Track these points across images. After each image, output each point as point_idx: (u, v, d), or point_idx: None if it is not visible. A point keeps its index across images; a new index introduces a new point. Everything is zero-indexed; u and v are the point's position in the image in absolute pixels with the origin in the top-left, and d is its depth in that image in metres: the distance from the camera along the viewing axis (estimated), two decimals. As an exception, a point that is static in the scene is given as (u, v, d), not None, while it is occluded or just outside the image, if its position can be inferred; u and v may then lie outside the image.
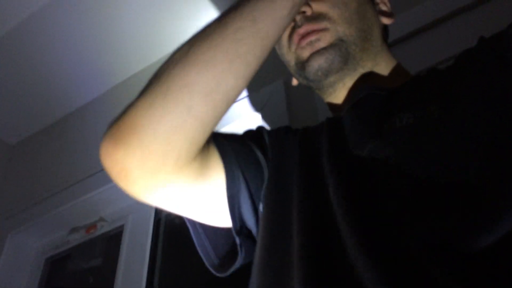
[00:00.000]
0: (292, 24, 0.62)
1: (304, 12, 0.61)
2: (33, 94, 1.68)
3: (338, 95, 0.64)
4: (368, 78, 0.63)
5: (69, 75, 1.62)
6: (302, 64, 0.62)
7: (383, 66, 0.65)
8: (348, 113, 0.58)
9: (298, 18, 0.61)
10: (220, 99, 0.48)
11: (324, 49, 0.60)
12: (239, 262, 0.58)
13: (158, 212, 1.36)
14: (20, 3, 1.38)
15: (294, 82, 0.71)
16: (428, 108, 0.48)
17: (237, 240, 0.57)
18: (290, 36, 0.63)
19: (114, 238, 1.41)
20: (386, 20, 0.68)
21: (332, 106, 0.67)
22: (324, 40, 0.60)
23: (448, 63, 0.88)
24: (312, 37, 0.60)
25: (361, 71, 0.63)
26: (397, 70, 0.66)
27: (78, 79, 1.65)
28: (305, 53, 0.61)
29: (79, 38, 1.51)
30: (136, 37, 1.51)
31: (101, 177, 1.41)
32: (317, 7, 0.61)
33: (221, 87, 0.47)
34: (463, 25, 0.94)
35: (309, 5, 0.61)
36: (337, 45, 0.60)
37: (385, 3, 0.71)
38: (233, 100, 0.50)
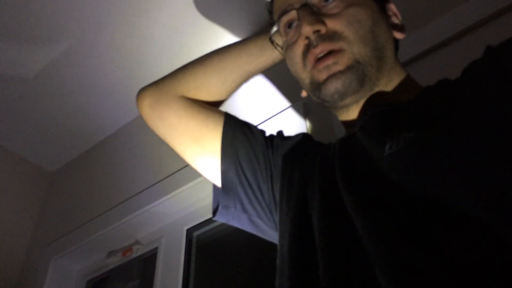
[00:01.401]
0: (306, 41, 0.62)
1: (318, 30, 0.60)
2: (69, 123, 1.78)
3: (351, 113, 0.64)
4: (380, 95, 0.62)
5: (101, 103, 1.71)
6: (317, 85, 0.62)
7: (396, 81, 0.64)
8: (357, 135, 0.59)
9: (313, 37, 0.60)
10: (209, 90, 0.80)
11: (341, 72, 0.59)
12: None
13: (189, 232, 1.42)
14: (56, 39, 1.47)
15: (304, 94, 0.72)
16: (431, 128, 0.48)
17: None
18: (305, 54, 0.63)
19: (149, 260, 1.46)
20: (398, 35, 0.67)
21: (345, 123, 0.67)
22: (342, 63, 0.59)
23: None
24: (329, 61, 0.59)
25: (375, 89, 0.62)
26: (408, 83, 0.65)
27: (109, 107, 1.73)
28: (322, 76, 0.61)
29: (109, 70, 1.59)
30: (162, 65, 1.58)
31: (135, 201, 1.47)
32: (332, 25, 0.60)
33: (212, 85, 0.80)
34: (475, 43, 0.94)
35: (324, 23, 0.60)
36: (354, 67, 0.59)
37: (397, 16, 0.69)
38: (218, 90, 0.80)
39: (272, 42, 0.72)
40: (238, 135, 0.75)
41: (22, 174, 1.89)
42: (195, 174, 1.32)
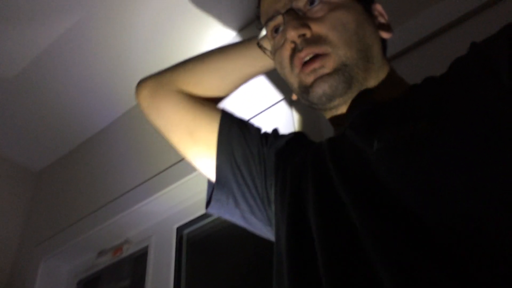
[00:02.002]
0: (293, 45, 0.63)
1: (304, 34, 0.61)
2: (54, 122, 1.76)
3: (339, 112, 0.65)
4: (367, 93, 0.63)
5: (86, 101, 1.69)
6: (305, 88, 0.63)
7: (383, 79, 0.65)
8: (346, 133, 0.60)
9: (298, 41, 0.61)
10: (207, 87, 0.81)
11: (328, 75, 0.60)
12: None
13: (179, 231, 1.42)
14: (36, 37, 1.44)
15: (294, 97, 0.73)
16: (418, 123, 0.49)
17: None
18: (292, 58, 0.64)
19: (140, 259, 1.46)
20: (385, 35, 0.68)
21: (333, 122, 0.68)
22: (328, 66, 0.60)
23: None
24: (316, 65, 0.60)
25: (363, 89, 0.63)
26: (395, 81, 0.66)
27: (95, 105, 1.71)
28: (309, 79, 0.62)
29: (94, 67, 1.56)
30: (147, 62, 1.56)
31: (124, 200, 1.47)
32: (317, 29, 0.61)
33: (211, 83, 0.81)
34: (462, 37, 0.94)
35: (309, 27, 0.61)
36: (341, 70, 0.60)
37: (383, 15, 0.70)
38: (216, 88, 0.82)
39: (260, 46, 0.73)
40: (234, 132, 0.76)
41: (7, 175, 1.87)
42: (184, 172, 1.32)
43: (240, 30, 1.49)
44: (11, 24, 1.38)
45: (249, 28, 1.46)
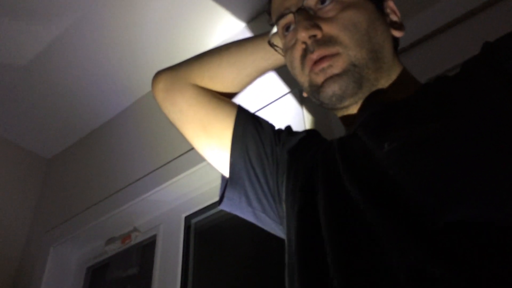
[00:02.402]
0: (304, 46, 0.62)
1: (315, 35, 0.61)
2: (65, 110, 1.77)
3: (350, 111, 0.65)
4: (379, 93, 0.63)
5: (97, 89, 1.70)
6: (316, 88, 0.63)
7: (395, 79, 0.64)
8: (357, 133, 0.60)
9: (309, 42, 0.61)
10: (223, 81, 0.81)
11: (338, 75, 0.60)
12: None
13: (187, 220, 1.42)
14: (48, 26, 1.45)
15: (305, 94, 0.72)
16: (430, 125, 0.49)
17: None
18: (303, 58, 0.63)
19: (148, 247, 1.47)
20: (396, 33, 0.67)
21: (344, 121, 0.68)
22: (337, 66, 0.60)
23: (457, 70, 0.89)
24: (325, 64, 0.60)
25: (375, 89, 0.63)
26: (407, 80, 0.66)
27: (106, 93, 1.72)
28: (319, 79, 0.61)
29: (105, 55, 1.57)
30: (157, 49, 1.56)
31: (133, 189, 1.48)
32: (328, 30, 0.61)
33: (227, 77, 0.81)
34: (472, 30, 0.94)
35: (319, 27, 0.61)
36: (350, 70, 0.60)
37: (395, 13, 0.69)
38: (232, 82, 0.81)
39: (271, 45, 0.73)
40: (249, 129, 0.76)
41: (19, 162, 1.89)
42: (193, 162, 1.32)
43: (249, 21, 1.49)
44: (23, 12, 1.39)
45: (258, 20, 1.46)
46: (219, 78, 0.81)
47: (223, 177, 0.78)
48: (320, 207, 0.55)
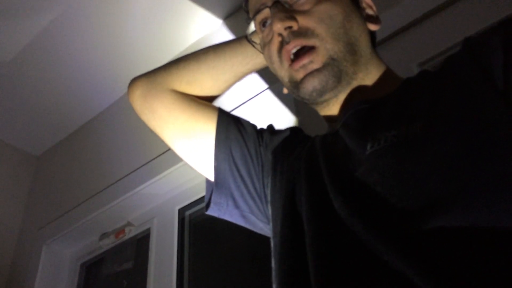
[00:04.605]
0: (280, 39, 0.62)
1: (290, 27, 0.61)
2: (53, 106, 1.75)
3: (332, 108, 0.65)
4: (359, 90, 0.63)
5: (84, 84, 1.68)
6: (296, 84, 0.63)
7: (374, 73, 0.65)
8: (339, 132, 0.60)
9: (285, 33, 0.61)
10: (201, 86, 0.79)
11: (317, 70, 0.60)
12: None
13: (181, 212, 1.42)
14: (33, 21, 1.42)
15: (285, 91, 0.72)
16: (412, 126, 0.49)
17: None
18: (280, 51, 0.63)
19: (143, 241, 1.47)
20: (373, 27, 0.67)
21: (327, 119, 0.68)
22: (317, 61, 0.60)
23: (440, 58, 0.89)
24: (305, 60, 0.60)
25: (354, 83, 0.63)
26: (387, 76, 0.66)
27: (94, 87, 1.70)
28: (299, 75, 0.61)
29: (91, 50, 1.55)
30: (143, 42, 1.55)
31: (126, 183, 1.47)
32: (304, 22, 0.61)
33: (205, 81, 0.79)
34: (447, 21, 0.94)
35: (295, 19, 0.61)
36: (330, 64, 0.60)
37: (371, 7, 0.70)
38: (211, 87, 0.80)
39: (249, 41, 0.73)
40: (232, 131, 0.75)
41: (8, 160, 1.86)
42: (185, 154, 1.31)
43: (225, 18, 1.50)
44: (6, 8, 1.36)
45: (234, 17, 1.47)
46: (198, 83, 0.79)
47: (208, 181, 0.77)
48: (304, 214, 0.55)
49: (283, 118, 1.16)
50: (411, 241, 0.42)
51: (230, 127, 0.75)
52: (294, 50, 0.61)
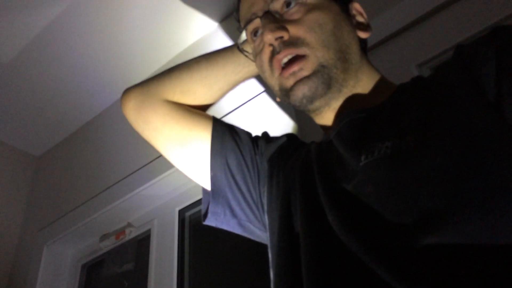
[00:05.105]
0: (271, 48, 0.63)
1: (281, 37, 0.61)
2: (53, 106, 1.75)
3: (325, 116, 0.65)
4: (352, 98, 0.63)
5: (84, 84, 1.68)
6: (286, 91, 0.63)
7: (365, 81, 0.65)
8: (333, 142, 0.61)
9: (276, 43, 0.61)
10: (195, 95, 0.79)
11: (307, 77, 0.60)
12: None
13: (181, 213, 1.42)
14: (31, 21, 1.42)
15: (278, 99, 0.72)
16: (405, 138, 0.49)
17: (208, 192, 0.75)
18: (271, 61, 0.64)
19: (143, 242, 1.47)
20: (363, 34, 0.67)
21: (322, 127, 0.68)
22: (307, 68, 0.60)
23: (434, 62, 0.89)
24: (295, 68, 0.60)
25: (345, 91, 0.63)
26: (379, 83, 0.66)
27: (94, 88, 1.70)
28: (289, 82, 0.62)
29: (91, 50, 1.55)
30: (142, 43, 1.54)
31: (126, 184, 1.47)
32: (294, 31, 0.61)
33: (198, 91, 0.79)
34: (451, 19, 0.94)
35: (286, 29, 0.61)
36: (319, 71, 0.60)
37: (361, 14, 0.70)
38: (204, 97, 0.80)
39: (241, 50, 0.73)
40: (227, 140, 0.75)
41: (8, 161, 1.86)
42: (185, 155, 1.31)
43: (221, 21, 1.51)
44: (4, 9, 1.36)
45: (230, 20, 1.47)
46: (191, 93, 0.79)
47: (204, 191, 0.77)
48: (299, 228, 0.55)
49: (282, 121, 1.16)
50: (405, 258, 0.42)
51: (225, 136, 0.75)
52: (285, 60, 0.61)
